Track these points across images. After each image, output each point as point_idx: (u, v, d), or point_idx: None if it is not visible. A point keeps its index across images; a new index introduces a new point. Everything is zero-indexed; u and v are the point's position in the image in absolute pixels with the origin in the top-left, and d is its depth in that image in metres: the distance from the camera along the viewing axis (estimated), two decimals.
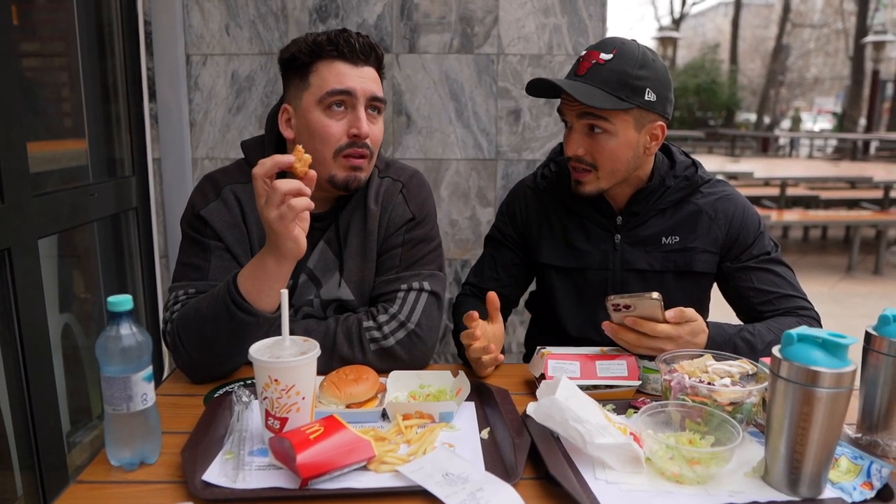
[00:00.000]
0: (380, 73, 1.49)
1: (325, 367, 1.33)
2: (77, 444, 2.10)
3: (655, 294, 1.30)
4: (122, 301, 1.02)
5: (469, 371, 1.47)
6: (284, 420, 1.06)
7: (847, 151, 16.52)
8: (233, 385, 1.36)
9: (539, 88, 1.55)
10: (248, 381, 1.38)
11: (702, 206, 1.64)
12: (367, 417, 1.22)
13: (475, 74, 2.30)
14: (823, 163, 14.06)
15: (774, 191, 8.50)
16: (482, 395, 1.32)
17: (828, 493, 0.99)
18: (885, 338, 1.10)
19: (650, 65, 1.50)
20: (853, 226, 7.28)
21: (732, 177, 9.06)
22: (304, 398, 1.07)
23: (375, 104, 1.46)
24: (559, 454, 1.07)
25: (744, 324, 1.56)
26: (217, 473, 1.02)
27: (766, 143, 19.80)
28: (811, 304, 1.62)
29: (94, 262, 2.27)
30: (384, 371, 1.37)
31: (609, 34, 2.31)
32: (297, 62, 1.43)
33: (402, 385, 1.33)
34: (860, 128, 21.83)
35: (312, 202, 1.25)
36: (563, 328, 1.73)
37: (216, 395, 1.30)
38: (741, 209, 1.65)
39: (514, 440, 1.10)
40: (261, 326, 1.29)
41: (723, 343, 1.42)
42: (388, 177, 1.60)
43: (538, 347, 1.43)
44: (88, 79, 2.16)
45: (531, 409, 1.15)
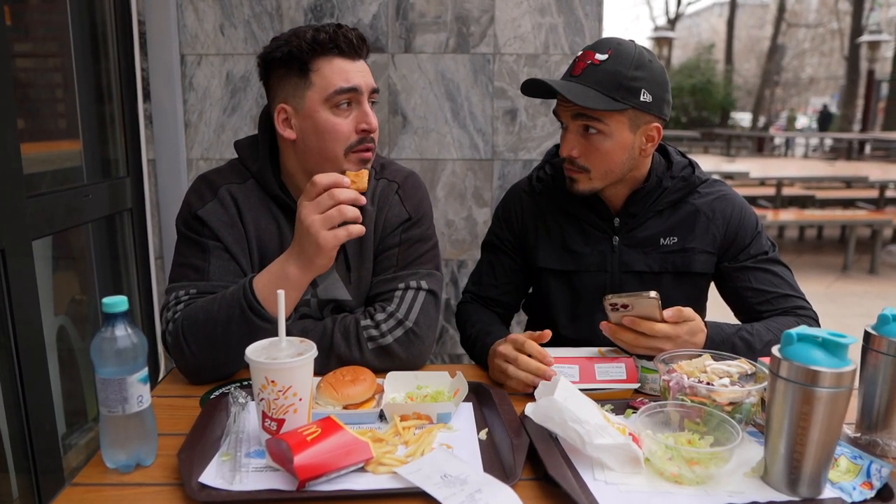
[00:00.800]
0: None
1: (323, 367, 1.33)
2: (73, 447, 2.08)
3: (653, 293, 1.30)
4: (117, 302, 1.01)
5: (467, 371, 1.47)
6: (281, 421, 1.06)
7: (842, 151, 16.56)
8: (229, 386, 1.36)
9: (534, 89, 1.55)
10: (245, 383, 1.37)
11: (699, 207, 1.64)
12: (365, 418, 1.21)
13: (471, 74, 2.30)
14: (819, 162, 14.08)
15: (770, 190, 8.51)
16: (480, 396, 1.32)
17: (827, 493, 0.99)
18: (885, 337, 1.10)
19: (646, 65, 1.49)
20: (849, 225, 7.29)
21: (728, 176, 9.05)
22: (302, 399, 1.07)
23: (374, 96, 1.48)
24: (558, 455, 1.07)
25: (742, 323, 1.55)
26: (214, 475, 1.01)
27: (762, 143, 19.83)
28: (809, 304, 1.61)
29: (89, 264, 2.26)
30: (382, 370, 1.36)
31: (605, 34, 2.31)
32: (296, 60, 1.41)
33: (400, 386, 1.32)
34: (855, 127, 21.92)
35: (360, 216, 1.29)
36: (560, 332, 1.72)
37: (212, 397, 1.29)
38: (739, 209, 1.65)
39: (513, 441, 1.10)
40: (275, 332, 1.26)
41: (721, 342, 1.42)
42: (384, 178, 1.60)
43: None
44: (82, 79, 2.15)
45: (529, 410, 1.15)
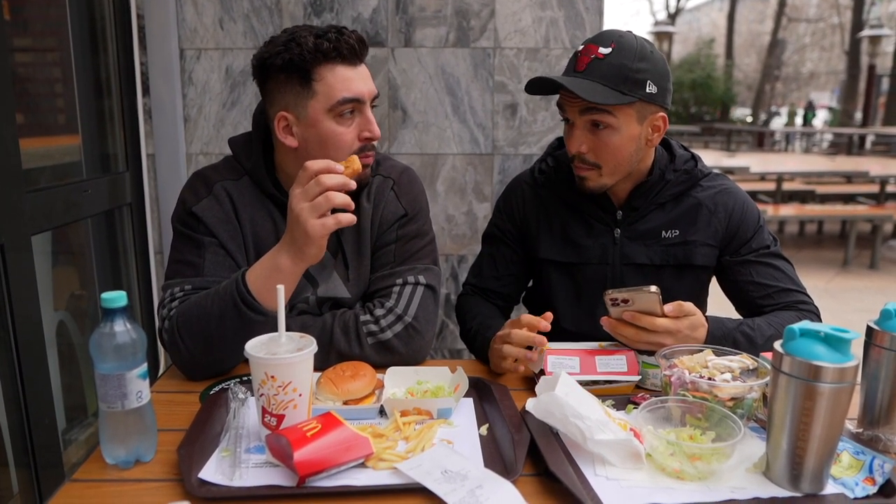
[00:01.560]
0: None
1: (322, 363, 1.32)
2: (73, 442, 2.08)
3: (654, 287, 1.29)
4: (116, 297, 1.01)
5: (467, 366, 1.46)
6: (281, 417, 1.05)
7: (843, 146, 16.54)
8: (229, 382, 1.35)
9: (538, 86, 1.54)
10: (245, 378, 1.37)
11: (701, 200, 1.64)
12: (365, 414, 1.21)
13: (471, 69, 2.29)
14: (819, 157, 14.07)
15: (770, 185, 8.50)
16: (481, 392, 1.31)
17: (830, 489, 0.99)
18: (887, 332, 1.10)
19: (649, 56, 1.48)
20: (849, 220, 7.30)
21: (728, 171, 9.05)
22: (301, 395, 1.06)
23: (375, 101, 1.47)
24: (559, 450, 1.07)
25: (743, 318, 1.55)
26: (213, 471, 1.01)
27: (762, 138, 19.82)
28: (810, 298, 1.61)
29: (89, 259, 2.26)
30: (382, 366, 1.36)
31: (606, 28, 2.30)
32: (297, 68, 1.38)
33: (400, 381, 1.32)
34: (856, 122, 21.89)
35: (351, 203, 1.27)
36: (561, 324, 1.72)
37: (212, 392, 1.29)
38: (741, 203, 1.65)
39: (514, 436, 1.09)
40: (269, 325, 1.26)
41: (722, 337, 1.41)
42: (380, 174, 1.59)
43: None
44: (81, 74, 2.14)
45: (530, 406, 1.15)
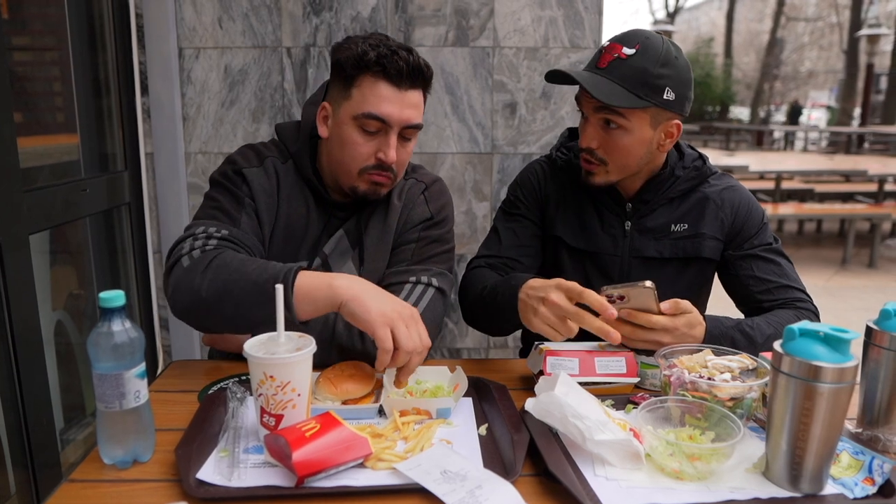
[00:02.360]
0: (426, 94, 1.49)
1: (324, 358, 1.32)
2: (71, 442, 2.08)
3: (648, 283, 1.29)
4: (114, 297, 1.00)
5: (466, 366, 1.46)
6: (280, 417, 1.05)
7: (841, 145, 16.55)
8: (227, 381, 1.35)
9: (558, 76, 1.56)
10: (243, 378, 1.37)
11: (709, 195, 1.67)
12: (364, 414, 1.21)
13: (471, 68, 2.29)
14: (818, 156, 14.07)
15: (769, 184, 8.52)
16: (480, 392, 1.31)
17: (829, 489, 0.99)
18: (886, 332, 1.09)
19: (672, 63, 1.49)
20: (848, 219, 7.30)
21: (728, 170, 9.03)
22: (300, 395, 1.06)
23: (408, 133, 1.46)
24: (558, 450, 1.06)
25: (741, 318, 1.55)
26: (211, 471, 1.00)
27: (761, 137, 19.82)
28: (809, 297, 1.62)
29: (87, 258, 2.25)
30: None
31: (605, 27, 2.30)
32: (343, 69, 1.42)
33: None
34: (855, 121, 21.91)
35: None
36: None
37: (210, 392, 1.28)
38: (746, 200, 1.68)
39: (513, 437, 1.09)
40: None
41: (720, 336, 1.41)
42: (414, 178, 1.63)
43: (536, 343, 1.42)
44: (80, 73, 2.13)
45: (530, 406, 1.14)
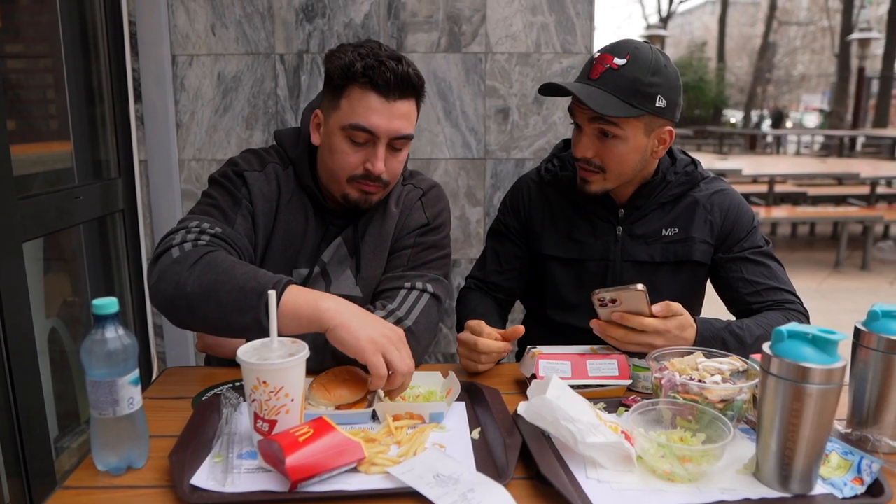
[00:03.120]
0: (418, 103, 1.48)
1: (319, 364, 1.32)
2: (65, 450, 2.07)
3: (640, 286, 1.30)
4: (108, 304, 1.00)
5: (460, 370, 1.47)
6: (273, 422, 1.05)
7: (834, 148, 16.61)
8: (221, 387, 1.35)
9: (551, 88, 1.57)
10: (237, 384, 1.37)
11: (699, 199, 1.69)
12: (357, 419, 1.21)
13: (463, 73, 2.30)
14: (811, 159, 14.11)
15: (762, 188, 8.53)
16: (473, 396, 1.32)
17: (819, 489, 0.99)
18: (874, 333, 1.10)
19: (662, 71, 1.51)
20: (841, 222, 7.33)
21: (721, 174, 9.05)
22: (293, 400, 1.06)
23: (398, 143, 1.46)
24: (550, 453, 1.07)
25: (731, 320, 1.56)
26: (206, 477, 1.01)
27: (754, 141, 19.89)
28: (799, 299, 1.64)
29: (81, 266, 2.25)
30: None
31: (597, 33, 2.32)
32: (333, 79, 1.43)
33: None
34: (846, 124, 22.00)
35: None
36: (559, 319, 1.75)
37: (204, 398, 1.29)
38: (736, 203, 1.70)
39: (505, 440, 1.10)
40: (260, 334, 1.20)
41: (711, 338, 1.42)
42: (411, 184, 1.64)
43: (529, 347, 1.43)
44: (73, 80, 2.14)
45: (522, 409, 1.15)
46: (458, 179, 2.37)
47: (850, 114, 21.96)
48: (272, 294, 1.11)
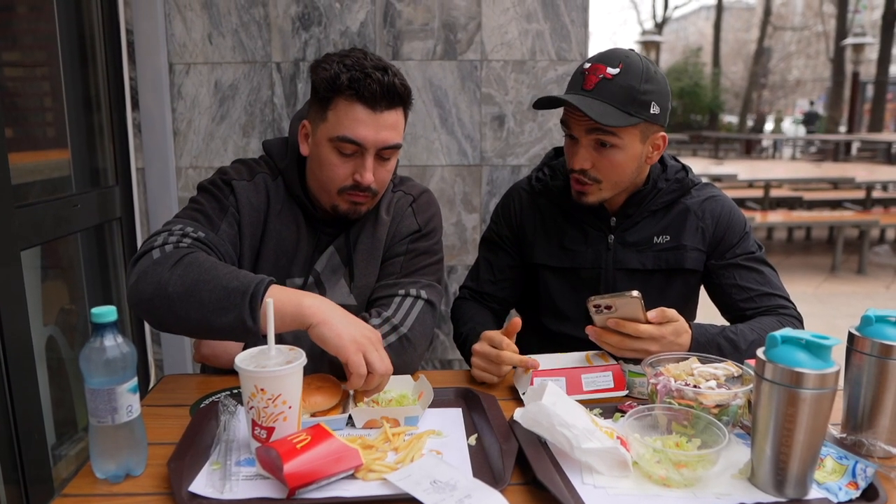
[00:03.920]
0: (405, 111, 1.48)
1: (316, 371, 1.32)
2: (63, 457, 2.07)
3: (635, 292, 1.31)
4: (106, 312, 1.01)
5: (458, 377, 1.47)
6: (271, 430, 1.06)
7: (829, 152, 16.66)
8: (219, 395, 1.36)
9: (545, 101, 1.57)
10: (235, 391, 1.37)
11: (690, 206, 1.69)
12: (333, 425, 1.19)
13: (459, 81, 2.31)
14: (806, 164, 14.15)
15: (758, 192, 8.56)
16: (469, 402, 1.32)
17: (814, 494, 1.00)
18: (868, 338, 1.11)
19: (654, 78, 1.52)
20: (836, 226, 7.35)
21: (717, 179, 9.08)
22: (291, 407, 1.07)
23: (386, 153, 1.46)
24: (546, 459, 1.08)
25: (727, 325, 1.57)
26: (204, 484, 1.01)
27: (750, 145, 19.94)
28: (793, 304, 1.64)
29: (79, 274, 2.25)
30: None
31: (592, 39, 2.32)
32: (319, 90, 1.42)
33: None
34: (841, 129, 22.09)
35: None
36: (552, 328, 1.75)
37: (202, 406, 1.29)
38: (728, 210, 1.70)
39: (502, 446, 1.10)
40: (243, 334, 1.24)
41: (706, 343, 1.43)
42: (401, 190, 1.64)
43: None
44: (70, 88, 2.14)
45: (518, 415, 1.16)
46: (455, 186, 2.37)
47: (846, 118, 22.05)
48: (270, 302, 1.12)
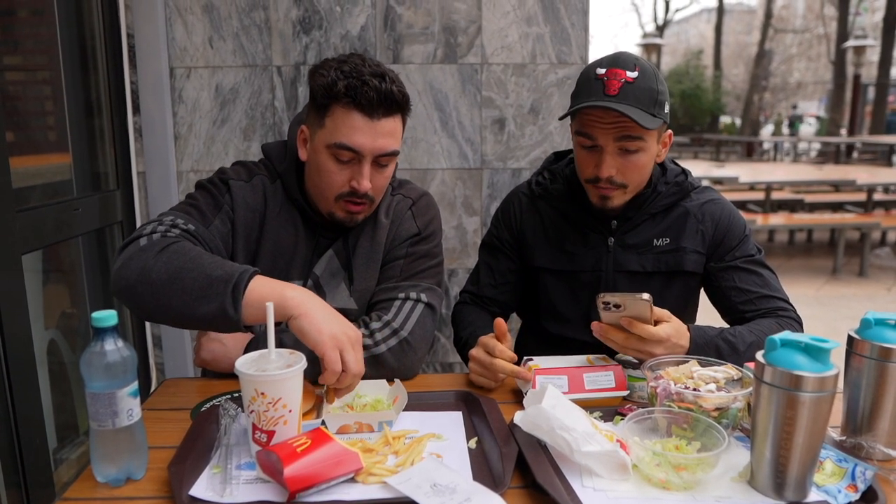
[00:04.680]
0: (403, 118, 1.47)
1: (316, 376, 1.32)
2: (64, 461, 2.07)
3: (646, 295, 1.31)
4: (107, 316, 1.01)
5: (457, 380, 1.47)
6: (271, 433, 1.06)
7: (830, 155, 16.67)
8: (219, 399, 1.36)
9: (580, 109, 1.53)
10: (235, 395, 1.37)
11: (690, 209, 1.70)
12: (306, 429, 1.20)
13: (459, 84, 2.31)
14: (807, 166, 14.16)
15: (759, 195, 8.57)
16: (470, 405, 1.33)
17: (813, 497, 1.00)
18: (867, 341, 1.11)
19: (661, 78, 1.56)
20: (838, 228, 7.35)
21: (718, 181, 9.10)
22: (291, 411, 1.07)
23: (384, 160, 1.45)
24: (546, 462, 1.08)
25: (725, 326, 1.57)
26: (204, 488, 1.01)
27: (751, 148, 19.95)
28: (792, 306, 1.64)
29: (80, 277, 2.26)
30: (372, 379, 1.36)
31: (594, 42, 2.33)
32: (316, 97, 1.42)
33: None
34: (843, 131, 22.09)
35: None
36: (553, 331, 1.76)
37: (203, 409, 1.29)
38: (727, 213, 1.70)
39: (502, 449, 1.10)
40: (225, 324, 1.23)
41: (704, 345, 1.43)
42: (400, 194, 1.64)
43: (525, 359, 1.44)
44: (71, 92, 2.15)
45: (518, 418, 1.16)
46: (455, 189, 2.38)
47: (847, 120, 22.05)
48: (270, 306, 1.12)
